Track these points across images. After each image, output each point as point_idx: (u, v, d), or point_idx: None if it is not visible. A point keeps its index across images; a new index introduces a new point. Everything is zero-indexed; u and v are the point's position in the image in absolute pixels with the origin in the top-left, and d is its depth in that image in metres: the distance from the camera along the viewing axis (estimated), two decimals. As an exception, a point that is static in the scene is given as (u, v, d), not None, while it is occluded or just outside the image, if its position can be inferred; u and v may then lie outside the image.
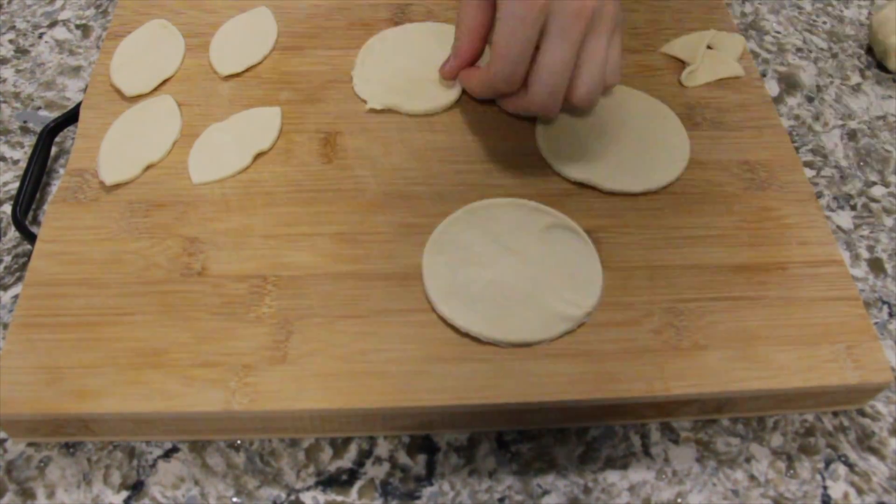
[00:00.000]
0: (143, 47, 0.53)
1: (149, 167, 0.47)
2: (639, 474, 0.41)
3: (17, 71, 0.57)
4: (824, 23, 0.64)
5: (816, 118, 0.57)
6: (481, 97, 0.50)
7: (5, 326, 0.44)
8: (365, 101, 0.50)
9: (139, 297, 0.41)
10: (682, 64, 0.54)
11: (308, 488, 0.40)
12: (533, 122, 0.49)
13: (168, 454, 0.41)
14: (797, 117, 0.57)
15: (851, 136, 0.56)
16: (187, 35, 0.53)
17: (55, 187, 0.49)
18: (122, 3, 0.55)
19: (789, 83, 0.59)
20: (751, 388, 0.39)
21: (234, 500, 0.39)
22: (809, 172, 0.54)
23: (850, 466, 0.42)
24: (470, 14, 0.46)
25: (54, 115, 0.53)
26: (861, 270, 0.49)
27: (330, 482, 0.40)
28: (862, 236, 0.51)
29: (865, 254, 0.50)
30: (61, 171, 0.51)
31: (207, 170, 0.46)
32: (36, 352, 0.39)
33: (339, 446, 0.41)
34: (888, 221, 0.52)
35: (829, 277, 0.43)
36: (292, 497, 0.39)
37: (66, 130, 0.52)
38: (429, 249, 0.43)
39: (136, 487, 0.39)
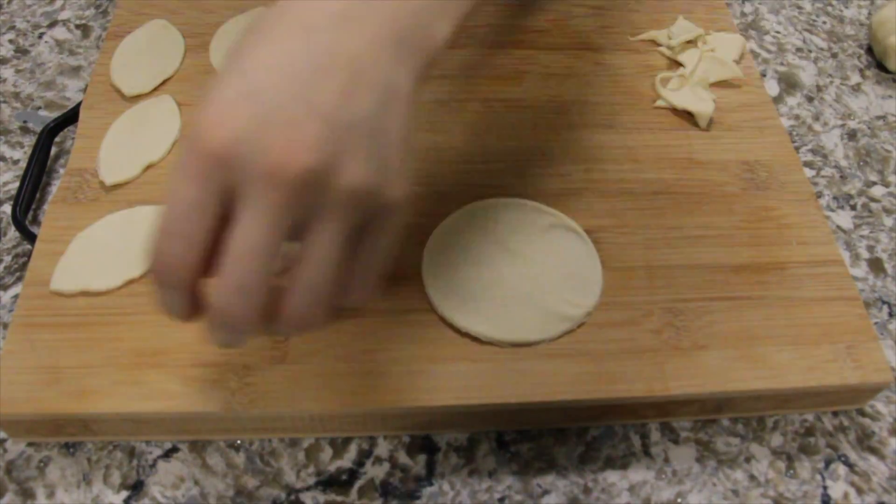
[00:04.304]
0: (143, 47, 0.53)
1: (149, 167, 0.47)
2: (639, 474, 0.41)
3: (17, 71, 0.57)
4: (824, 23, 0.64)
5: (816, 118, 0.57)
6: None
7: (5, 326, 0.44)
8: None
9: (139, 297, 0.41)
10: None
11: (308, 488, 0.40)
12: (533, 122, 0.49)
13: (168, 454, 0.40)
14: (797, 117, 0.57)
15: (851, 136, 0.56)
16: (187, 35, 0.53)
17: (55, 187, 0.49)
18: (121, 3, 0.55)
19: (789, 83, 0.59)
20: (751, 388, 0.39)
21: (235, 500, 0.39)
22: (809, 172, 0.54)
23: (850, 466, 0.42)
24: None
25: (54, 115, 0.53)
26: (861, 270, 0.49)
27: (330, 482, 0.40)
28: (862, 236, 0.51)
29: (865, 254, 0.50)
30: (61, 171, 0.51)
31: (207, 170, 0.46)
32: (36, 352, 0.39)
33: (339, 446, 0.41)
34: (888, 221, 0.52)
35: (829, 277, 0.43)
36: (292, 497, 0.39)
37: (66, 130, 0.52)
38: (429, 249, 0.43)
39: (136, 487, 0.39)
